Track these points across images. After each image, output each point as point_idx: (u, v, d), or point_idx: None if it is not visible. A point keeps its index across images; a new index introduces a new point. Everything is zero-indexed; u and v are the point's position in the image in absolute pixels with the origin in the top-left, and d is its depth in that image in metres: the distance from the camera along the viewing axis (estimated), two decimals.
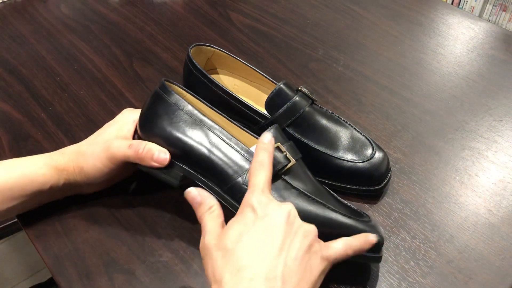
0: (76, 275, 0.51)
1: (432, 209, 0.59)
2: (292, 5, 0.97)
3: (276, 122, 0.59)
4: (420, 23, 0.93)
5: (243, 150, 0.51)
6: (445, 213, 0.58)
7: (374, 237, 0.48)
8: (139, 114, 0.56)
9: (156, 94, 0.54)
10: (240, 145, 0.51)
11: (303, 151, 0.54)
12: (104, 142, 0.54)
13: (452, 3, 1.97)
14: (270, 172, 0.47)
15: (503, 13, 1.88)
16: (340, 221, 0.49)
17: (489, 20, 1.91)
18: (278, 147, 0.51)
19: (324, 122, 0.60)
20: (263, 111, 0.61)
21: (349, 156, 0.58)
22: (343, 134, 0.60)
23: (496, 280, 0.52)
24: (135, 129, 0.56)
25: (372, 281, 0.51)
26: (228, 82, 0.69)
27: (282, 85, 0.60)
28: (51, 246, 0.53)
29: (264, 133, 0.50)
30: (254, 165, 0.47)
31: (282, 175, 0.50)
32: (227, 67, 0.68)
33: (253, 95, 0.67)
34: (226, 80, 0.69)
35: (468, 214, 0.59)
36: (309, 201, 0.49)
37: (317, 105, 0.62)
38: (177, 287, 0.51)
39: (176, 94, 0.53)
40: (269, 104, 0.60)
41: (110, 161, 0.53)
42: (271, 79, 0.64)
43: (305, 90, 0.61)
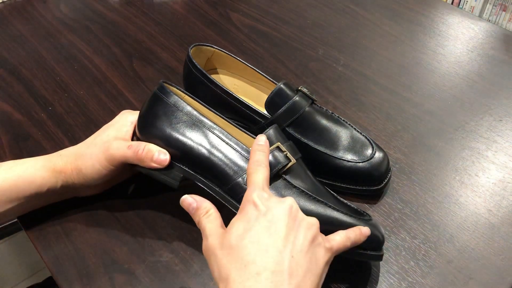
0: (76, 275, 0.51)
1: (432, 209, 0.59)
2: (292, 5, 0.97)
3: (276, 122, 0.59)
4: (420, 23, 0.93)
5: (243, 150, 0.51)
6: (445, 213, 0.58)
7: (367, 229, 0.49)
8: (137, 115, 0.55)
9: (155, 96, 0.54)
10: (240, 145, 0.51)
11: (303, 151, 0.54)
12: (103, 144, 0.53)
13: (452, 3, 1.97)
14: (268, 171, 0.48)
15: (503, 13, 1.88)
16: (341, 220, 0.49)
17: (489, 20, 1.91)
18: (278, 147, 0.51)
19: (324, 122, 0.60)
20: (263, 111, 0.61)
21: (349, 156, 0.58)
22: (343, 134, 0.60)
23: (496, 280, 0.52)
24: (133, 130, 0.56)
25: (372, 281, 0.51)
26: (228, 82, 0.69)
27: (282, 85, 0.60)
28: (51, 246, 0.53)
29: (259, 136, 0.51)
30: (252, 165, 0.47)
31: (283, 174, 0.50)
32: (227, 67, 0.68)
33: (253, 95, 0.67)
34: (226, 80, 0.69)
35: (468, 214, 0.59)
36: (310, 200, 0.49)
37: (317, 105, 0.62)
38: (177, 287, 0.51)
39: (175, 95, 0.53)
40: (269, 104, 0.60)
41: (109, 163, 0.53)
42: (271, 79, 0.64)
43: (305, 90, 0.61)
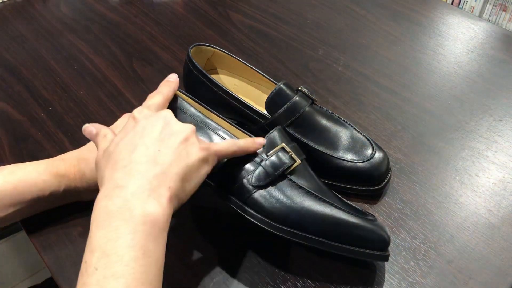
0: (76, 275, 0.50)
1: (432, 209, 0.59)
2: (292, 5, 0.97)
3: (276, 122, 0.59)
4: (420, 23, 0.93)
5: None
6: (445, 213, 0.58)
7: (262, 139, 0.51)
8: None
9: None
10: None
11: (303, 151, 0.54)
12: None
13: (452, 3, 1.97)
14: (165, 100, 0.51)
15: (503, 13, 1.88)
16: (347, 220, 0.49)
17: (489, 20, 1.91)
18: (283, 148, 0.51)
19: (324, 122, 0.60)
20: (263, 111, 0.61)
21: (349, 156, 0.58)
22: (343, 134, 0.60)
23: (496, 280, 0.52)
24: None
25: (372, 281, 0.51)
26: (228, 82, 0.69)
27: (282, 85, 0.60)
28: (51, 246, 0.53)
29: (171, 74, 0.54)
30: (153, 93, 0.51)
31: (288, 175, 0.50)
32: (227, 67, 0.68)
33: (253, 95, 0.67)
34: (226, 80, 0.69)
35: (468, 214, 0.59)
36: (316, 200, 0.49)
37: (317, 105, 0.62)
38: (177, 287, 0.51)
39: (178, 97, 0.53)
40: (269, 104, 0.60)
41: None
42: (271, 79, 0.64)
43: (305, 90, 0.61)
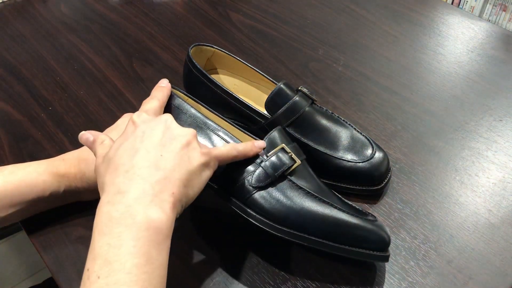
0: (76, 275, 0.51)
1: (432, 209, 0.59)
2: (292, 5, 0.97)
3: (276, 122, 0.59)
4: (420, 23, 0.93)
5: None
6: (445, 213, 0.58)
7: (262, 143, 0.51)
8: None
9: None
10: None
11: (303, 151, 0.54)
12: None
13: (452, 3, 1.97)
14: (161, 104, 0.51)
15: (503, 13, 1.88)
16: (347, 221, 0.49)
17: (489, 20, 1.91)
18: (283, 148, 0.51)
19: (324, 122, 0.60)
20: (263, 111, 0.61)
21: (349, 156, 0.58)
22: (343, 134, 0.60)
23: (496, 280, 0.52)
24: None
25: (372, 281, 0.51)
26: (228, 82, 0.69)
27: (282, 85, 0.60)
28: (51, 246, 0.53)
29: (162, 80, 0.54)
30: (147, 99, 0.51)
31: (288, 175, 0.50)
32: (227, 67, 0.68)
33: (253, 95, 0.67)
34: (226, 80, 0.69)
35: (468, 214, 0.59)
36: (317, 201, 0.49)
37: (317, 105, 0.62)
38: (177, 287, 0.51)
39: (178, 98, 0.53)
40: (269, 104, 0.60)
41: None
42: (271, 79, 0.64)
43: (305, 90, 0.61)
